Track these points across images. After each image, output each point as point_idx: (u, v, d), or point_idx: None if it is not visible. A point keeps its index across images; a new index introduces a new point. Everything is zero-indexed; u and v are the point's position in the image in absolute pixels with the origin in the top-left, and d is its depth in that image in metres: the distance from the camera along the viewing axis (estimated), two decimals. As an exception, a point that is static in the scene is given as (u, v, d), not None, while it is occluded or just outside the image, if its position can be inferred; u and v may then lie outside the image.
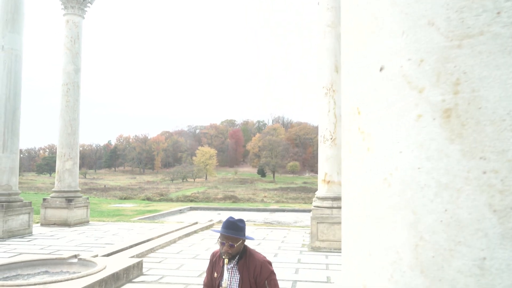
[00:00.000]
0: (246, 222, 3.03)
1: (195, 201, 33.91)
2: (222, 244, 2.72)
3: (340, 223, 9.13)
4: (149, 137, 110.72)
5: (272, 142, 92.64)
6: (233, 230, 2.68)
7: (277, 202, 34.17)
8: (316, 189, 10.36)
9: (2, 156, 10.73)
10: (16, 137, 11.14)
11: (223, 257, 2.74)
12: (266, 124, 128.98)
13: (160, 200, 35.02)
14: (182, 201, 34.43)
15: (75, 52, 13.63)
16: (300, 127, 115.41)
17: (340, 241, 7.87)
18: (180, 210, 22.80)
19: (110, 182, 70.74)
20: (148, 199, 36.36)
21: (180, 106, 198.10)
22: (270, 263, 2.83)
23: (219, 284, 2.81)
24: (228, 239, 2.69)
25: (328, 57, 9.96)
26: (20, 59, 11.30)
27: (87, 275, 5.86)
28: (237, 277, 2.75)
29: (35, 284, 5.44)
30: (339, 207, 9.43)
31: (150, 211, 20.05)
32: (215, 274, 2.84)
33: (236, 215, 3.64)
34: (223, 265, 2.80)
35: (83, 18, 14.02)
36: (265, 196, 40.88)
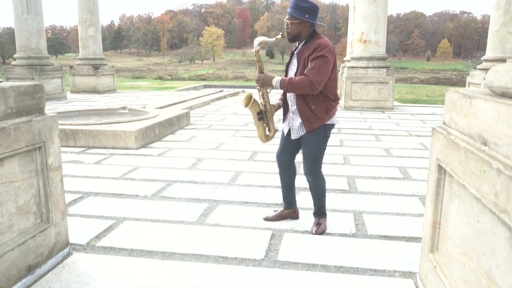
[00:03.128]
0: None
1: (208, 80, 33.81)
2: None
3: (374, 82, 9.20)
4: (153, 17, 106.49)
5: (282, 22, 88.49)
6: (292, 8, 2.56)
7: (289, 82, 33.95)
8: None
9: (28, 17, 10.44)
10: (38, -3, 10.70)
11: (281, 33, 2.68)
12: (274, 2, 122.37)
13: (172, 79, 34.93)
14: (194, 79, 34.31)
15: None
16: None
17: (373, 100, 7.92)
18: (195, 87, 22.79)
19: (118, 64, 69.69)
20: (160, 78, 36.23)
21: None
22: (329, 50, 2.50)
23: (288, 69, 2.80)
24: (288, 17, 2.60)
25: None
26: None
27: (145, 119, 6.14)
28: (295, 61, 2.69)
29: (101, 124, 5.73)
30: (374, 67, 9.40)
31: (165, 88, 20.06)
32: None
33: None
34: (293, 51, 2.76)
35: None
36: (275, 77, 40.58)
